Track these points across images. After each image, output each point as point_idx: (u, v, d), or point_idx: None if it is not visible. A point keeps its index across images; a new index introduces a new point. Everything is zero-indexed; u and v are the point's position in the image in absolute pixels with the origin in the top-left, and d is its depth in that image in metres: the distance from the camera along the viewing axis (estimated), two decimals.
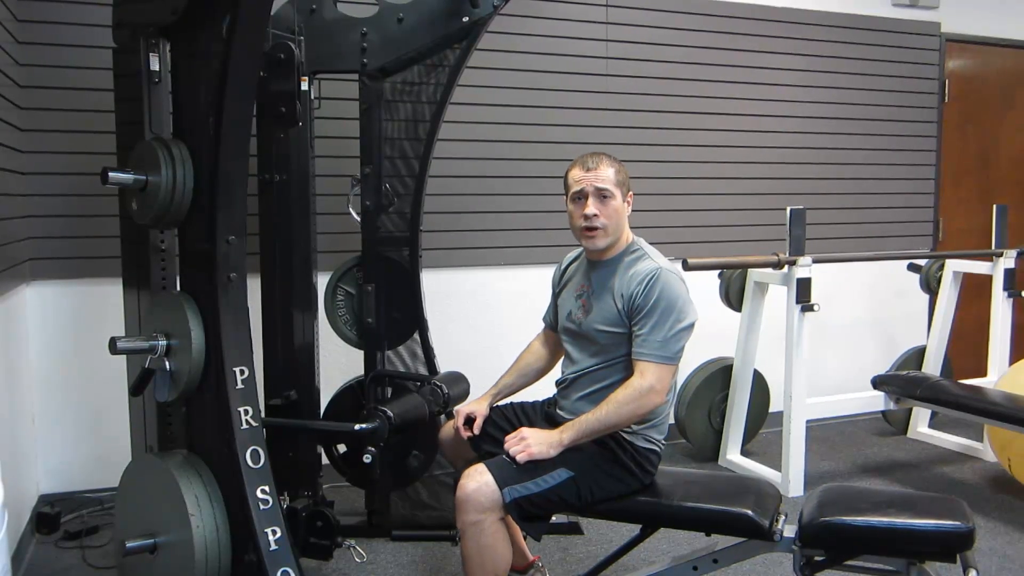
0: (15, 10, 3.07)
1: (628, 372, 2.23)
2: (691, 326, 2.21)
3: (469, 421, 2.45)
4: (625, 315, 2.24)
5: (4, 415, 2.77)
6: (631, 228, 2.39)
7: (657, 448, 2.30)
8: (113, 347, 1.98)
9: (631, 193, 2.36)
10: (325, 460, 3.07)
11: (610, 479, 2.23)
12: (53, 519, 3.09)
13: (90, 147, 3.18)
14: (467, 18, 2.76)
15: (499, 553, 2.13)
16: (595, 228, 2.27)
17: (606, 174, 2.27)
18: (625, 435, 2.25)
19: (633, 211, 2.39)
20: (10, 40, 2.99)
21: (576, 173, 2.31)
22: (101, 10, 2.91)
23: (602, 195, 2.27)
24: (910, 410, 4.40)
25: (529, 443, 2.16)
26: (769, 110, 4.47)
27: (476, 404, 2.49)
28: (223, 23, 1.89)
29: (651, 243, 2.41)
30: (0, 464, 1.74)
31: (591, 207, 2.26)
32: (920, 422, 4.44)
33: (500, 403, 2.55)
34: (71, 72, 3.20)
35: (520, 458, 2.13)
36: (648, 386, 2.15)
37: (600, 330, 2.29)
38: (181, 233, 2.11)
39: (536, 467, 2.15)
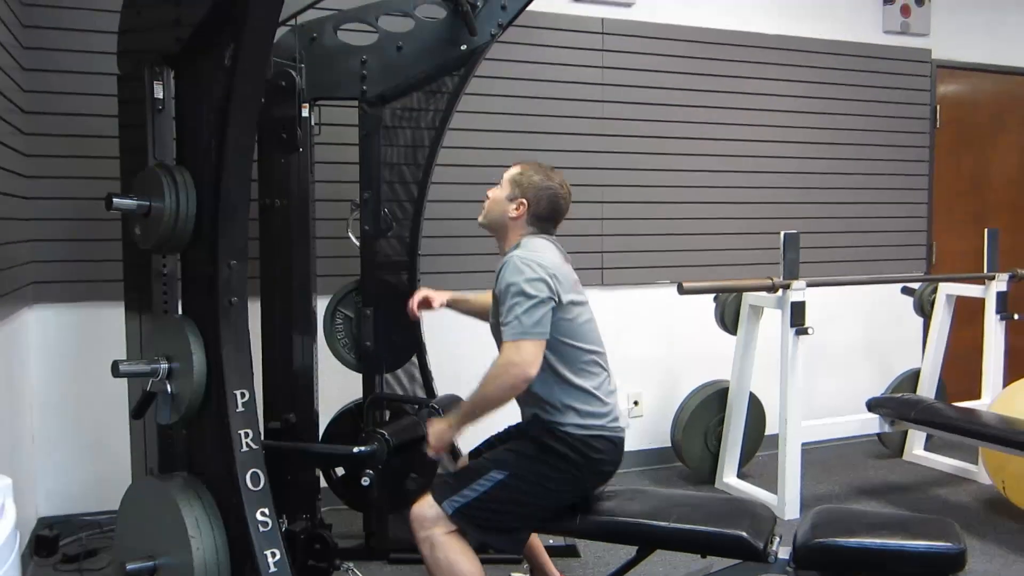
0: (20, 38, 3.12)
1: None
2: (539, 300, 2.18)
3: (426, 303, 2.69)
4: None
5: (4, 437, 2.78)
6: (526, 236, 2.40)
7: (601, 433, 2.27)
8: (116, 370, 2.00)
9: (522, 201, 2.37)
10: (324, 483, 3.08)
11: (546, 468, 2.23)
12: (52, 542, 3.09)
13: (93, 172, 3.22)
14: (465, 46, 2.81)
15: (456, 564, 2.17)
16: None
17: (510, 170, 2.44)
18: (557, 424, 2.25)
19: (630, 235, 2.43)
20: (15, 67, 3.03)
21: None
22: (105, 38, 2.97)
23: (497, 183, 2.45)
24: (905, 432, 4.42)
25: (430, 442, 2.31)
26: (763, 135, 4.52)
27: (438, 292, 2.71)
28: (226, 52, 1.93)
29: (646, 267, 2.45)
30: (11, 484, 1.74)
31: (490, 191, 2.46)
32: (916, 444, 4.46)
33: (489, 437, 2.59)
34: (75, 98, 3.25)
35: (433, 458, 2.30)
36: (505, 360, 2.18)
37: (494, 326, 2.40)
38: (183, 257, 2.14)
39: (469, 474, 2.24)
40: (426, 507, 2.22)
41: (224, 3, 1.91)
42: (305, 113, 2.79)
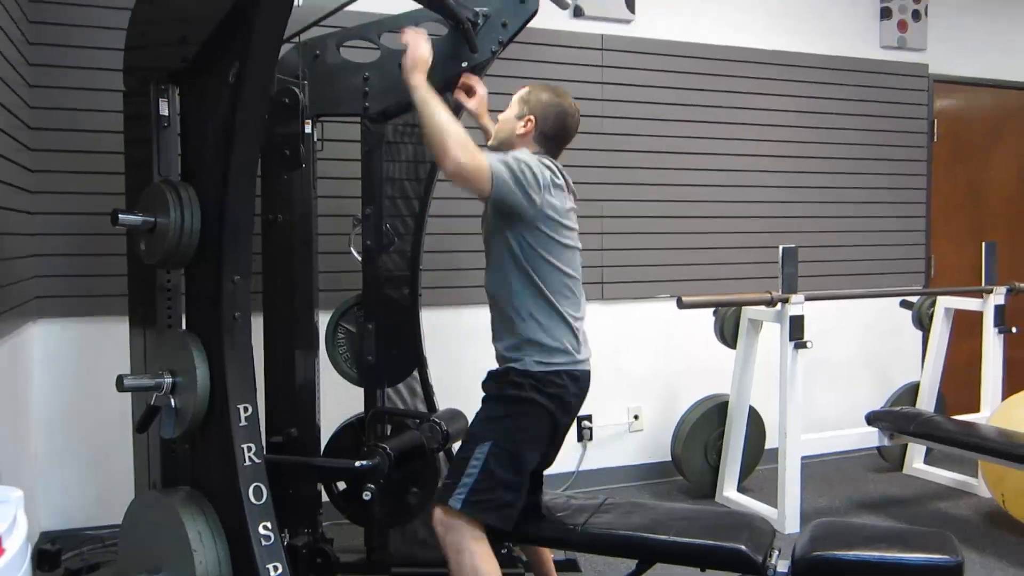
0: (27, 54, 3.15)
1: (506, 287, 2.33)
2: (518, 170, 2.24)
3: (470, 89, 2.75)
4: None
5: (8, 451, 2.80)
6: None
7: (565, 367, 2.31)
8: (120, 384, 2.02)
9: (530, 118, 2.45)
10: (325, 497, 3.09)
11: (522, 420, 2.27)
12: (54, 556, 3.09)
13: (97, 188, 3.25)
14: (466, 63, 2.83)
15: (479, 567, 2.19)
16: None
17: (519, 91, 2.51)
18: (517, 367, 2.29)
19: (630, 249, 2.45)
20: (21, 83, 3.06)
21: None
22: (110, 55, 3.00)
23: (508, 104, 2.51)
24: (905, 446, 4.43)
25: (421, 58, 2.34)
26: (761, 150, 4.56)
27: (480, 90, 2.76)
28: (231, 69, 1.96)
29: (645, 281, 2.47)
30: (22, 496, 1.75)
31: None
32: (916, 458, 4.47)
33: None
34: (80, 114, 3.28)
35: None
36: (474, 155, 2.21)
37: (485, 233, 2.43)
38: (187, 272, 2.16)
39: (460, 465, 2.26)
40: (442, 514, 2.25)
41: (230, 22, 1.94)
42: (308, 129, 2.82)
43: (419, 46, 2.35)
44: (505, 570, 2.33)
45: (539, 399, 2.27)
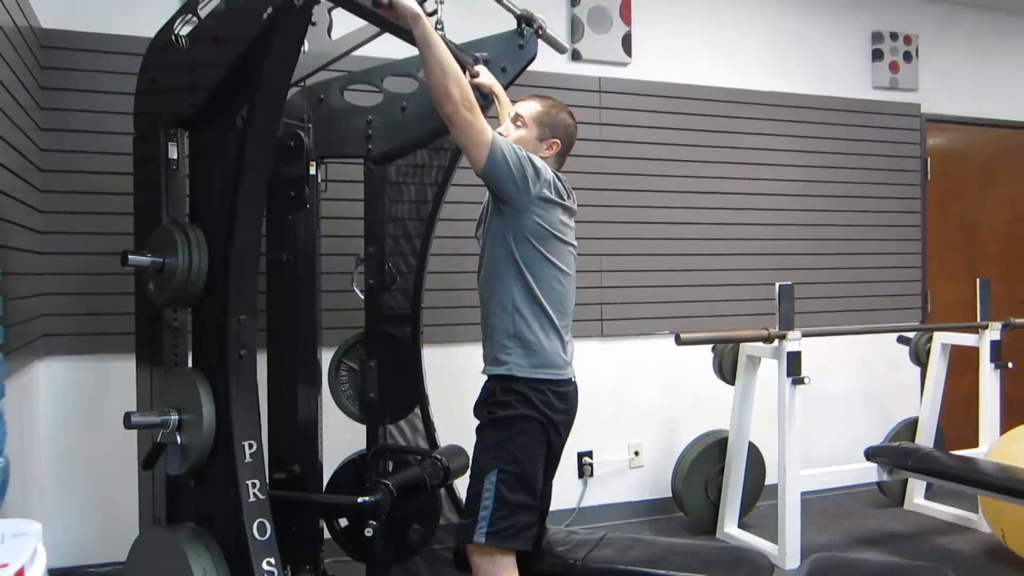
0: (39, 99, 3.23)
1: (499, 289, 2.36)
2: (520, 158, 2.30)
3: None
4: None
5: (14, 488, 2.81)
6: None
7: (550, 377, 2.34)
8: (128, 422, 2.05)
9: (555, 140, 2.51)
10: (327, 534, 3.11)
11: (518, 439, 2.30)
12: None
13: (105, 228, 3.31)
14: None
15: None
16: None
17: (529, 106, 2.50)
18: (503, 372, 2.32)
19: (629, 286, 2.50)
20: (33, 127, 3.13)
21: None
22: (119, 99, 3.08)
23: (516, 121, 2.50)
24: (906, 481, 4.44)
25: None
26: (758, 188, 4.63)
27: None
28: (239, 114, 2.03)
29: (644, 318, 2.51)
30: (40, 529, 1.78)
31: (503, 127, 2.50)
32: (916, 493, 4.47)
33: None
34: (90, 157, 3.35)
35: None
36: (472, 112, 2.25)
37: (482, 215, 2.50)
38: (194, 311, 2.20)
39: (472, 501, 2.29)
40: (471, 551, 2.28)
41: (239, 69, 2.00)
42: (312, 171, 2.88)
43: None
44: None
45: (527, 412, 2.30)
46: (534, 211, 2.34)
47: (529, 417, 2.31)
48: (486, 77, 2.83)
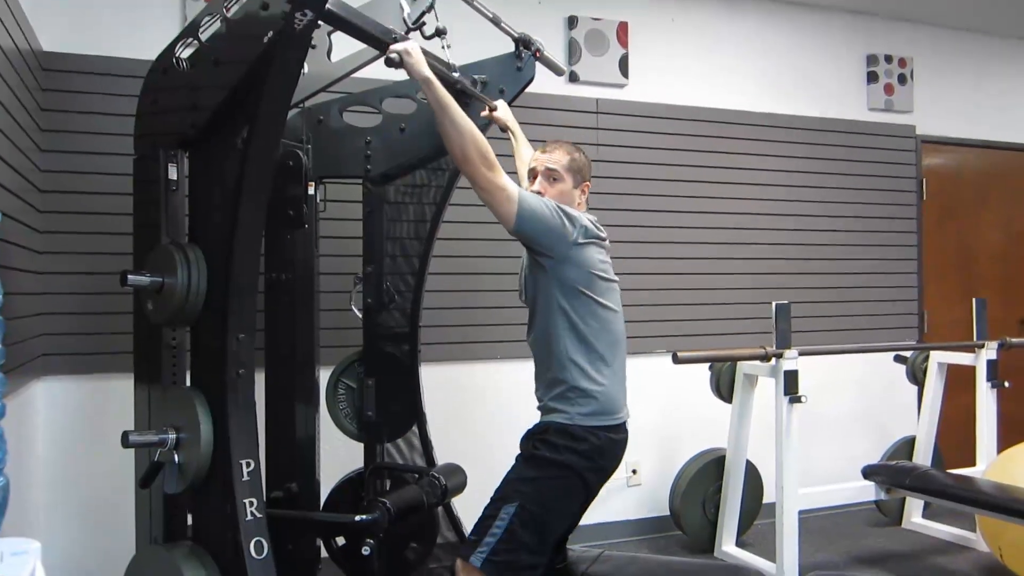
0: (39, 120, 3.26)
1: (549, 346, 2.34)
2: (551, 209, 2.30)
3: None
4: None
5: (11, 507, 2.81)
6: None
7: (601, 424, 2.29)
8: (125, 441, 2.05)
9: (587, 183, 2.53)
10: (324, 553, 3.10)
11: (552, 484, 2.26)
12: None
13: (104, 248, 3.32)
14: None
15: None
16: None
17: (558, 158, 2.47)
18: (556, 419, 2.28)
19: (626, 305, 2.51)
20: (33, 148, 3.16)
21: (535, 153, 2.54)
22: (120, 120, 3.11)
23: (551, 176, 2.46)
24: (903, 500, 4.44)
25: (407, 47, 2.25)
26: (755, 208, 4.65)
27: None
28: (239, 135, 2.05)
29: (642, 336, 2.52)
30: (39, 548, 1.78)
31: (537, 185, 2.46)
32: (914, 512, 4.47)
33: None
34: (89, 177, 3.37)
35: (392, 47, 2.25)
36: (493, 170, 2.24)
37: (524, 278, 2.47)
38: (193, 330, 2.21)
39: (485, 522, 2.25)
40: (462, 568, 2.26)
41: (240, 91, 2.03)
42: (311, 191, 2.90)
43: (414, 47, 2.29)
44: None
45: (574, 462, 2.26)
46: (573, 258, 2.32)
47: (571, 467, 2.26)
48: (503, 112, 2.86)
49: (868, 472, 3.95)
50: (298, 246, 2.93)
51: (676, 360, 3.49)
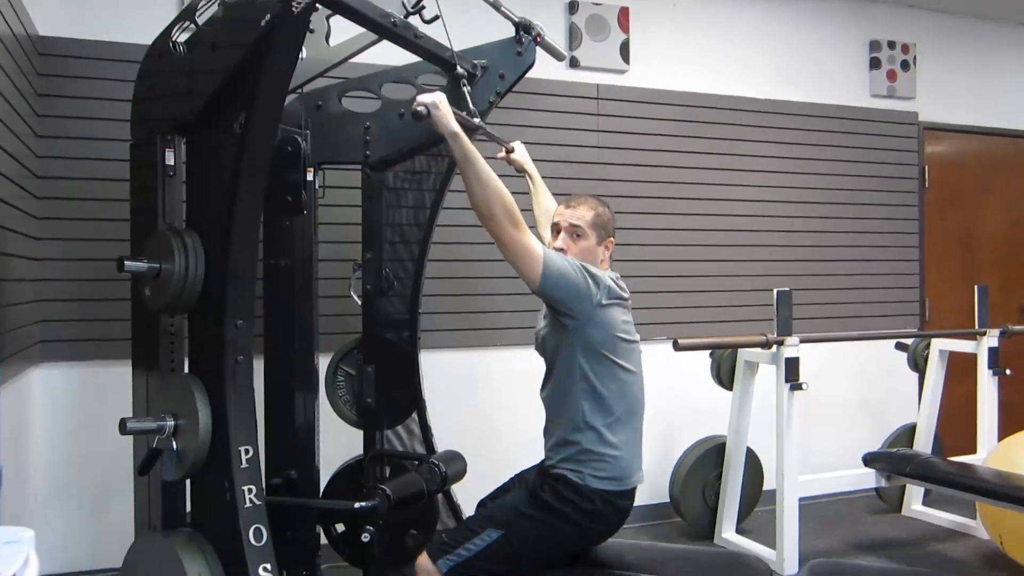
0: (35, 106, 3.23)
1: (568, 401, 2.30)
2: (575, 268, 2.26)
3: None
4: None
5: (9, 494, 2.81)
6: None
7: (610, 488, 2.25)
8: (123, 428, 2.04)
9: (611, 239, 2.48)
10: (324, 539, 3.10)
11: (544, 529, 2.23)
12: None
13: (101, 234, 3.31)
14: (464, 112, 2.91)
15: None
16: None
17: (582, 214, 2.42)
18: (568, 474, 2.24)
19: None
20: (30, 133, 3.14)
21: (559, 208, 2.49)
22: (116, 105, 3.09)
23: (575, 233, 2.41)
24: (904, 487, 4.44)
25: (435, 100, 2.23)
26: (757, 195, 4.63)
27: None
28: (237, 120, 2.03)
29: (643, 323, 2.50)
30: (33, 536, 1.77)
31: (560, 241, 2.42)
32: (914, 499, 4.47)
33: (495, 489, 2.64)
34: (86, 163, 3.35)
35: (419, 99, 2.23)
36: (518, 228, 2.20)
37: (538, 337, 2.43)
38: (191, 317, 2.20)
39: (465, 532, 2.25)
40: (421, 566, 2.26)
41: (237, 76, 2.01)
42: (310, 177, 2.88)
43: (441, 99, 2.27)
44: None
45: (576, 519, 2.23)
46: (597, 319, 2.28)
47: (570, 522, 2.23)
48: (520, 154, 2.85)
49: (869, 459, 3.95)
50: (297, 232, 2.91)
51: (677, 347, 3.48)
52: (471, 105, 2.77)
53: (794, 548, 3.61)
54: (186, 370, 2.24)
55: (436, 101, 2.23)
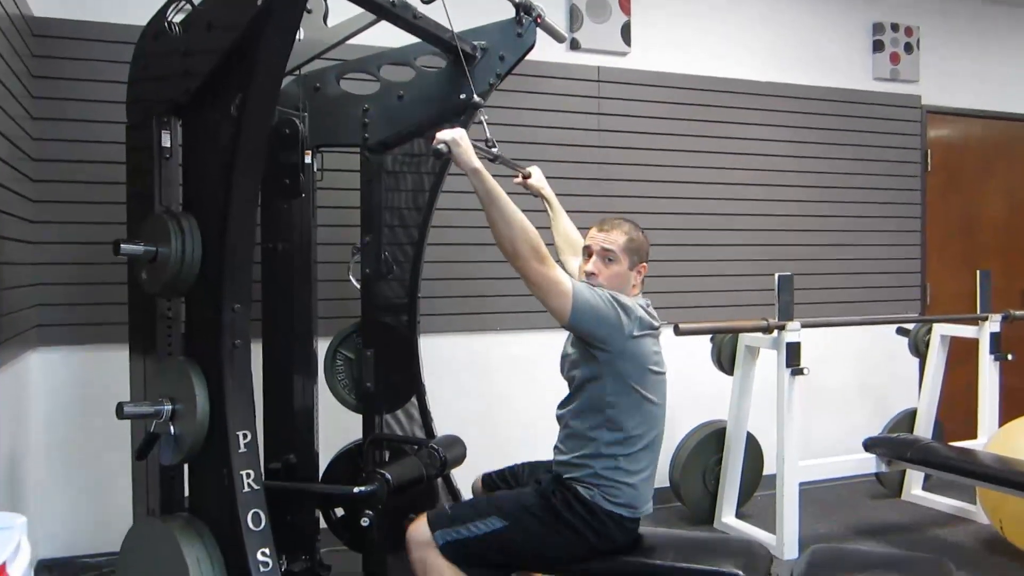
0: (30, 87, 3.20)
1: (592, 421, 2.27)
2: (603, 301, 2.21)
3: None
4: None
5: (7, 478, 2.80)
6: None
7: (621, 513, 2.25)
8: (120, 412, 2.03)
9: (644, 264, 2.43)
10: (323, 524, 3.10)
11: (548, 533, 2.22)
12: None
13: (98, 217, 3.28)
14: (464, 95, 2.88)
15: None
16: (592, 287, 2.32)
17: (615, 238, 2.36)
18: (580, 490, 2.23)
19: None
20: (25, 116, 3.11)
21: (591, 231, 2.43)
22: (112, 87, 3.06)
23: (607, 257, 2.36)
24: (904, 472, 4.43)
25: (455, 137, 2.16)
26: (758, 179, 4.60)
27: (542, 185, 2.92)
28: (233, 102, 2.00)
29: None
30: (26, 522, 1.77)
31: (591, 265, 2.37)
32: (914, 484, 4.47)
33: (502, 468, 2.63)
34: (82, 146, 3.32)
35: (439, 136, 2.16)
36: (545, 263, 2.15)
37: (571, 361, 2.36)
38: (188, 301, 2.19)
39: (470, 512, 2.24)
40: (419, 531, 2.24)
41: (233, 56, 1.98)
42: (308, 160, 2.86)
43: (461, 135, 2.19)
44: None
45: (582, 532, 2.22)
46: (629, 352, 2.24)
47: (578, 532, 2.22)
48: (537, 179, 2.82)
49: (869, 444, 3.94)
50: (295, 215, 2.89)
51: (678, 332, 3.47)
52: (472, 85, 2.75)
53: (794, 533, 3.60)
54: (183, 354, 2.22)
55: (456, 138, 2.17)
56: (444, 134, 2.17)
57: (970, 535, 3.90)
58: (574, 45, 4.19)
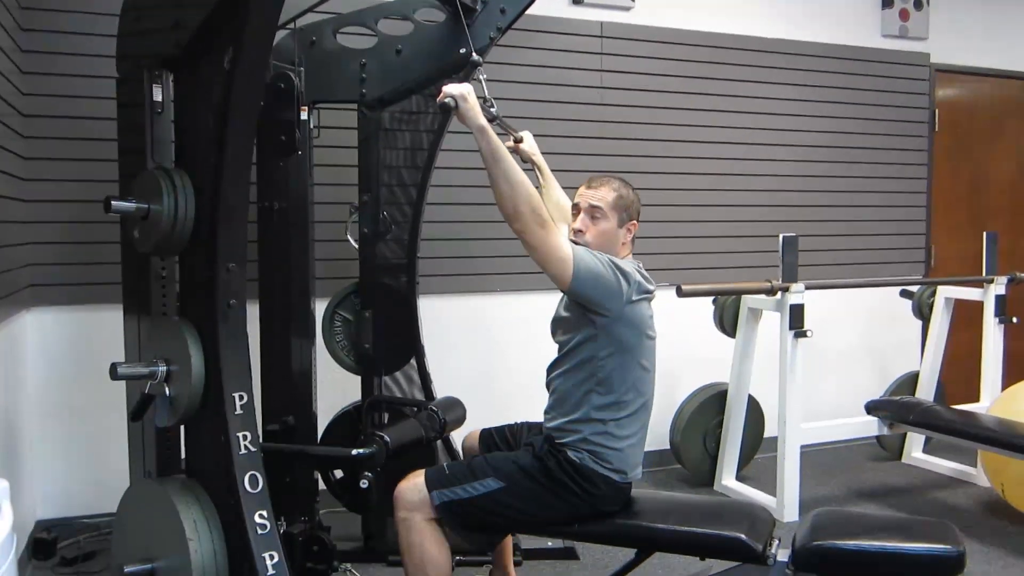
0: (19, 40, 3.12)
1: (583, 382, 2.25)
2: (603, 265, 2.18)
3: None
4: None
5: (2, 440, 2.78)
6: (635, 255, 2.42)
7: (612, 476, 2.23)
8: (114, 373, 2.00)
9: (634, 222, 2.38)
10: (322, 486, 3.08)
11: (545, 494, 2.21)
12: (49, 545, 3.09)
13: (91, 175, 3.22)
14: (463, 50, 2.81)
15: (427, 551, 2.18)
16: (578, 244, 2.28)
17: (603, 195, 2.32)
18: (570, 454, 2.22)
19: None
20: (14, 70, 3.04)
21: (580, 188, 2.39)
22: (103, 41, 2.98)
23: (594, 214, 2.32)
24: (904, 435, 4.43)
25: (463, 92, 2.10)
26: (762, 139, 4.53)
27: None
28: (226, 55, 1.94)
29: (645, 269, 2.44)
30: (7, 487, 1.75)
31: (578, 222, 2.33)
32: (915, 447, 4.46)
33: (500, 425, 2.60)
34: (73, 101, 3.25)
35: (446, 90, 2.10)
36: (545, 227, 2.10)
37: (564, 322, 2.34)
38: (182, 260, 2.14)
39: (466, 473, 2.21)
40: (413, 490, 2.21)
41: (224, 7, 1.91)
42: (304, 116, 2.79)
43: (469, 91, 2.13)
44: None
45: (577, 493, 2.21)
46: (627, 317, 2.23)
47: (573, 493, 2.21)
48: (529, 144, 2.76)
49: (871, 407, 3.93)
50: (291, 173, 2.83)
51: (680, 293, 3.43)
52: (471, 42, 2.68)
53: (794, 495, 3.60)
54: (178, 314, 2.18)
55: (464, 93, 2.11)
56: (452, 88, 2.11)
57: (970, 498, 3.90)
58: None
